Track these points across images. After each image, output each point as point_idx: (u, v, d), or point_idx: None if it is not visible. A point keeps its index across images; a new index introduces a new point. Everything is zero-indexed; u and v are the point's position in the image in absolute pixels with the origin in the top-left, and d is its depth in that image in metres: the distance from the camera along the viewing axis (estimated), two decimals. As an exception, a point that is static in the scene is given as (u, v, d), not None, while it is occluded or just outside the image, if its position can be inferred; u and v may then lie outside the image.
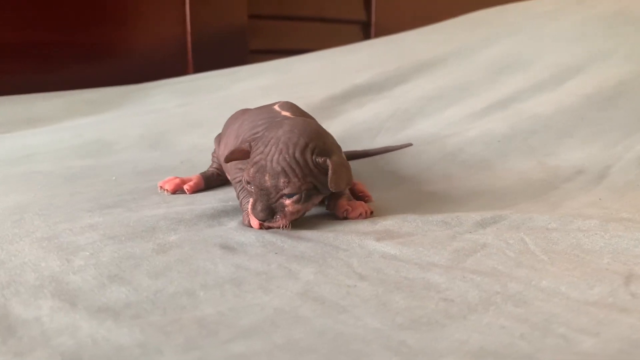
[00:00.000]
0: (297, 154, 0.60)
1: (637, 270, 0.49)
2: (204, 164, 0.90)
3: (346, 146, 0.97)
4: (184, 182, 0.77)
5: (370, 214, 0.66)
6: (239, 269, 0.50)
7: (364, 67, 1.21)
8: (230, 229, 0.61)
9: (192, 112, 1.10)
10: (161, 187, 0.77)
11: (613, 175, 0.81)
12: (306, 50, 1.60)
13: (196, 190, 0.78)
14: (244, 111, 0.83)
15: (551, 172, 0.80)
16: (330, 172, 0.59)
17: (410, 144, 0.95)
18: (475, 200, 0.73)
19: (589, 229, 0.60)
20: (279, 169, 0.59)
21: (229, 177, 0.78)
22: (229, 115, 0.87)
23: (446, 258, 0.53)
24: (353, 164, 0.85)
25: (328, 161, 0.60)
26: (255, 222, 0.61)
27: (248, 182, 0.61)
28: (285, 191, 0.59)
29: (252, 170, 0.61)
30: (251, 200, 0.61)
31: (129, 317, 0.40)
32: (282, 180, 0.59)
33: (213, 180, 0.81)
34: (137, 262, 0.51)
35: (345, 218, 0.65)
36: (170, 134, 1.02)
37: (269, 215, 0.59)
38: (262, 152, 0.61)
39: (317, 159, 0.60)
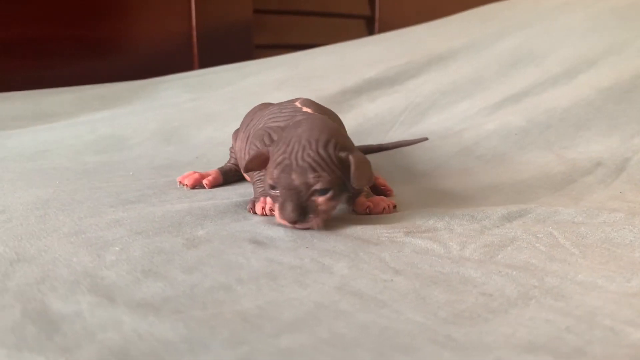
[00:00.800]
0: (321, 149, 0.58)
1: (670, 263, 0.49)
2: (220, 158, 0.90)
3: (360, 140, 0.98)
4: (202, 176, 0.77)
5: (393, 209, 0.66)
6: (272, 263, 0.50)
7: (375, 61, 1.21)
8: (257, 223, 0.61)
9: (205, 106, 1.10)
10: (180, 182, 0.77)
11: (631, 168, 0.81)
12: (311, 45, 1.59)
13: (215, 185, 0.78)
14: (263, 106, 0.83)
15: (569, 165, 0.80)
16: (352, 167, 0.58)
17: (426, 139, 0.95)
18: (496, 194, 0.72)
19: (615, 223, 0.60)
20: (306, 165, 0.58)
21: (245, 176, 0.78)
22: (242, 108, 0.87)
23: (478, 252, 0.53)
24: (369, 157, 0.85)
25: (350, 157, 0.58)
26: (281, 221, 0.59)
27: (273, 187, 0.59)
28: (317, 186, 0.57)
29: (275, 171, 0.58)
30: (277, 203, 0.58)
31: (170, 312, 0.40)
32: (311, 176, 0.57)
33: (231, 175, 0.81)
34: (168, 257, 0.51)
35: (368, 214, 0.65)
36: (184, 129, 1.02)
37: (301, 216, 0.57)
38: (284, 152, 0.59)
39: (340, 154, 0.59)
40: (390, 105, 1.05)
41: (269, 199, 0.64)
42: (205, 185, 0.76)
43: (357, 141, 0.96)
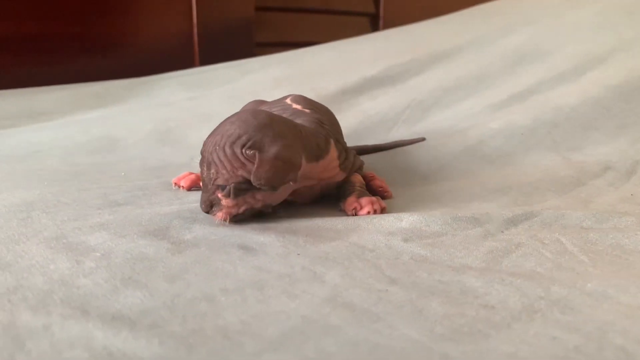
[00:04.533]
0: (227, 147, 0.57)
1: (687, 273, 0.46)
2: (215, 159, 0.87)
3: (361, 139, 0.95)
4: (199, 177, 0.74)
5: (381, 211, 0.63)
6: (260, 271, 0.47)
7: (377, 59, 1.17)
8: (248, 227, 0.58)
9: (202, 105, 1.07)
10: (176, 183, 0.74)
11: (642, 171, 0.77)
12: (313, 42, 1.56)
13: None
14: (256, 104, 0.80)
15: (577, 168, 0.77)
16: (255, 165, 0.56)
17: (424, 139, 0.92)
18: (501, 196, 0.69)
19: (626, 228, 0.57)
20: (211, 159, 0.58)
21: None
22: (238, 107, 0.84)
23: (480, 259, 0.50)
24: (368, 158, 0.82)
25: (257, 154, 0.56)
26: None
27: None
28: (218, 182, 0.58)
29: (199, 160, 0.60)
30: None
31: (147, 327, 0.37)
32: (212, 171, 0.58)
33: None
34: (151, 263, 0.48)
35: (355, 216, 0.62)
36: (180, 129, 0.99)
37: (208, 207, 0.59)
38: (205, 144, 0.60)
39: (247, 152, 0.56)
40: (392, 103, 1.02)
41: None
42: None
43: (358, 140, 0.93)
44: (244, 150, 0.56)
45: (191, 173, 0.75)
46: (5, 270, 0.46)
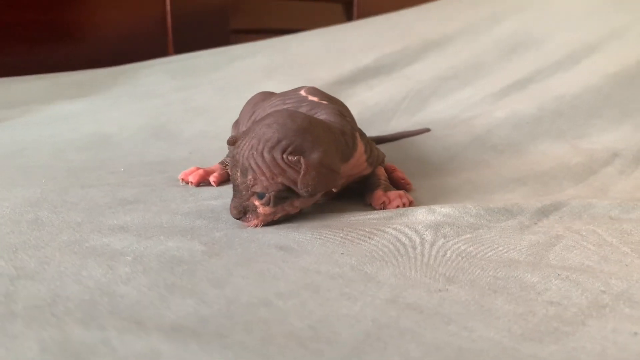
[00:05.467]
0: (266, 152, 0.53)
1: None
2: (215, 153, 0.83)
3: (363, 130, 0.93)
4: (207, 173, 0.71)
5: (409, 204, 0.61)
6: (309, 272, 0.45)
7: (368, 47, 1.16)
8: (274, 226, 0.56)
9: (194, 98, 1.03)
10: (183, 179, 0.71)
11: (648, 158, 0.79)
12: (288, 29, 1.53)
13: (222, 181, 0.72)
14: (264, 96, 0.77)
15: (587, 155, 0.77)
16: (302, 171, 0.53)
17: (429, 129, 0.91)
18: (520, 186, 0.69)
19: (654, 217, 0.57)
20: (247, 164, 0.54)
21: None
22: (233, 100, 0.81)
23: (525, 253, 0.49)
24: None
25: (302, 160, 0.53)
26: None
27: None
28: (255, 189, 0.54)
29: (230, 164, 0.57)
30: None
31: (213, 337, 0.35)
32: (249, 177, 0.54)
33: None
34: (190, 267, 0.45)
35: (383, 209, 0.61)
36: (174, 124, 0.95)
37: (240, 214, 0.55)
38: (238, 147, 0.56)
39: (289, 157, 0.53)
40: (390, 93, 1.00)
41: None
42: (212, 183, 0.70)
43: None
44: (284, 156, 0.53)
45: (198, 168, 0.72)
46: (34, 280, 0.42)
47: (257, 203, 0.55)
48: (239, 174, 0.55)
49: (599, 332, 0.36)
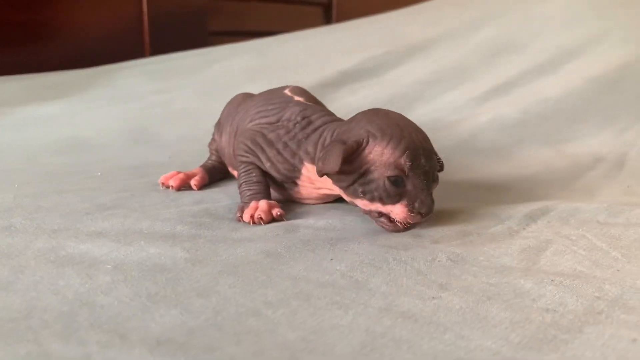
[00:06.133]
0: (433, 153, 0.55)
1: None
2: (196, 158, 0.81)
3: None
4: (188, 176, 0.69)
5: None
6: (298, 280, 0.43)
7: (350, 51, 1.15)
8: (261, 231, 0.54)
9: (174, 100, 1.00)
10: (164, 183, 0.68)
11: (631, 162, 0.79)
12: (267, 32, 1.52)
13: (202, 185, 0.70)
14: (246, 97, 0.76)
15: (571, 160, 0.78)
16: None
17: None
18: (507, 191, 0.69)
19: (641, 221, 0.57)
20: (429, 147, 0.54)
21: (232, 167, 0.71)
22: (215, 103, 0.79)
23: (517, 259, 0.48)
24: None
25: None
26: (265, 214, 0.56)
27: (395, 180, 0.51)
28: (438, 172, 0.54)
29: (403, 159, 0.51)
30: (404, 199, 0.52)
31: (202, 350, 0.33)
32: (437, 159, 0.54)
33: (216, 173, 0.74)
34: (173, 275, 0.43)
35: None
36: (153, 128, 0.93)
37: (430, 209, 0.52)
38: (401, 137, 0.52)
39: (439, 161, 0.56)
40: (374, 98, 1.00)
41: (262, 203, 0.57)
42: (193, 187, 0.69)
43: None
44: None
45: (179, 172, 0.70)
46: (8, 291, 0.40)
47: (434, 187, 0.54)
48: (423, 161, 0.52)
49: (598, 339, 0.35)
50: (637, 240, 0.53)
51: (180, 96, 1.01)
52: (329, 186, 0.58)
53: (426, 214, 0.52)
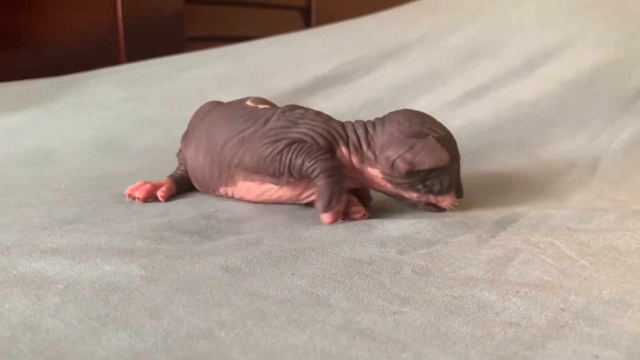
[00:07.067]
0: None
1: (690, 273, 0.46)
2: (165, 167, 0.80)
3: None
4: (155, 187, 0.68)
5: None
6: (256, 297, 0.42)
7: (326, 56, 1.14)
8: (223, 244, 0.53)
9: (143, 109, 0.98)
10: (130, 195, 0.67)
11: (604, 167, 0.79)
12: (245, 37, 1.50)
13: (169, 195, 0.68)
14: (212, 107, 0.74)
15: (544, 165, 0.77)
16: None
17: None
18: (479, 197, 0.68)
19: (612, 228, 0.57)
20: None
21: (198, 184, 0.69)
22: (185, 112, 0.78)
23: (484, 269, 0.47)
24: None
25: None
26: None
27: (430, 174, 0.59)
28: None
29: (445, 154, 0.58)
30: (444, 189, 0.60)
31: (146, 377, 0.32)
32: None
33: (184, 184, 0.72)
34: (127, 294, 0.42)
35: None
36: (122, 136, 0.91)
37: None
38: (447, 133, 0.62)
39: None
40: (348, 103, 0.99)
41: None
42: (160, 198, 0.67)
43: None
44: None
45: (145, 183, 0.69)
46: (-51, 314, 0.38)
47: None
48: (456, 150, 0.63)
49: (559, 355, 0.34)
50: (606, 247, 0.52)
51: (150, 104, 0.99)
52: (375, 180, 0.61)
53: (461, 196, 0.62)
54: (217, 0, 1.88)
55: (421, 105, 0.97)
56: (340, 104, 0.98)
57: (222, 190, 0.67)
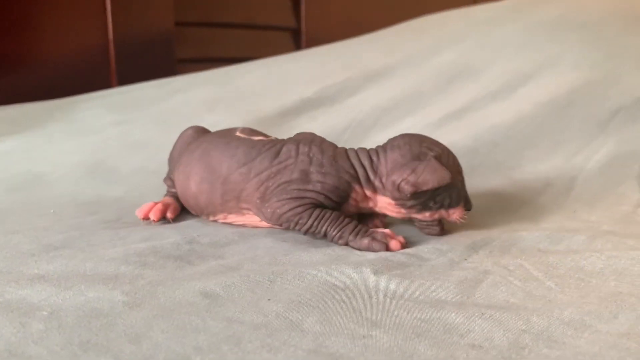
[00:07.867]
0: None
1: (649, 293, 0.48)
2: (154, 190, 0.82)
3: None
4: (165, 207, 0.71)
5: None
6: (232, 322, 0.43)
7: (312, 79, 1.16)
8: (204, 269, 0.55)
9: (132, 132, 1.00)
10: (143, 217, 0.69)
11: (579, 187, 0.82)
12: (236, 58, 1.53)
13: (176, 214, 0.72)
14: (196, 133, 0.76)
15: (521, 186, 0.79)
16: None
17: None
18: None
19: (580, 249, 0.59)
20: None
21: (185, 203, 0.71)
22: (174, 134, 0.79)
23: (453, 292, 0.49)
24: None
25: None
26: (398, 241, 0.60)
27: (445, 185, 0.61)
28: None
29: (447, 173, 0.61)
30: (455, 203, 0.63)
31: (122, 403, 0.33)
32: None
33: (181, 203, 0.74)
34: (109, 320, 0.44)
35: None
36: (110, 160, 0.93)
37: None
38: (446, 149, 0.65)
39: None
40: (332, 124, 1.01)
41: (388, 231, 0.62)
42: (168, 218, 0.70)
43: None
44: None
45: (155, 203, 0.71)
46: None
47: None
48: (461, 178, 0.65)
49: (517, 376, 0.36)
50: (572, 268, 0.54)
51: (139, 128, 1.01)
52: (389, 208, 0.64)
53: (470, 209, 0.65)
54: (207, 22, 1.91)
55: (404, 127, 0.99)
56: (324, 125, 1.00)
57: (221, 216, 0.69)
